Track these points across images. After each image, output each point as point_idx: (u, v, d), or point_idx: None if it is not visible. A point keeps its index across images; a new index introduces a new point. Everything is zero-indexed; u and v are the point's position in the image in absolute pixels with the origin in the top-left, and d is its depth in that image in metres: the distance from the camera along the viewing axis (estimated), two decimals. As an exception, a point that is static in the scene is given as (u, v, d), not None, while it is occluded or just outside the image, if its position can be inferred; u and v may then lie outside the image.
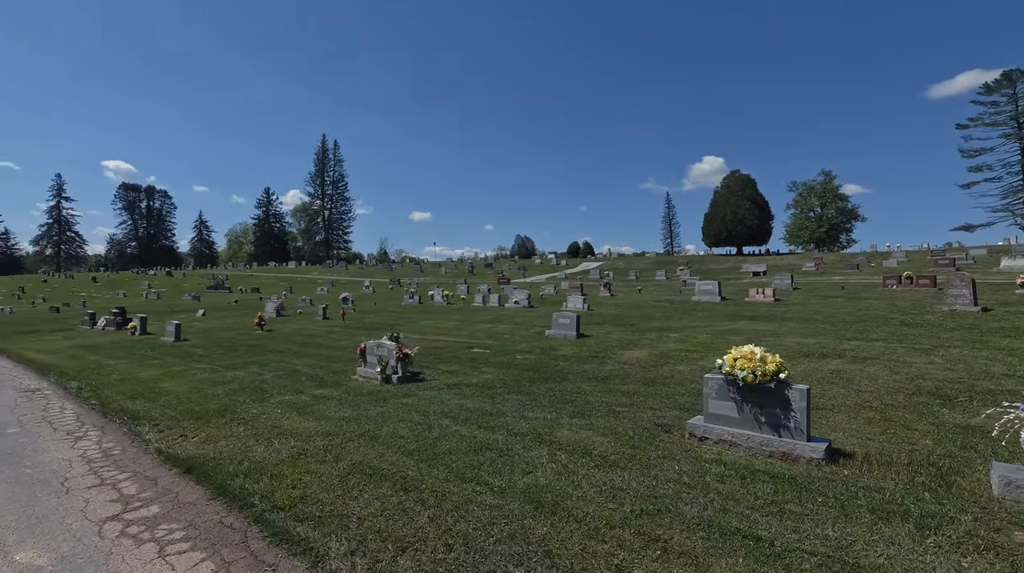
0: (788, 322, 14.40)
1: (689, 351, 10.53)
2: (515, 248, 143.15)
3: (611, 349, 11.37)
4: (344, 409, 6.83)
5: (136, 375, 10.27)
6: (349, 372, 9.77)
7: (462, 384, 8.35)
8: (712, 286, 23.13)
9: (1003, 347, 9.51)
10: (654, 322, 15.99)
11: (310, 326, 19.23)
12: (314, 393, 7.95)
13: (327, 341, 14.90)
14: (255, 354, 12.71)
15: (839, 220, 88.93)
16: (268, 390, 8.25)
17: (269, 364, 11.04)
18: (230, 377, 9.51)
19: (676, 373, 8.62)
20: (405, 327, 17.77)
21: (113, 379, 9.92)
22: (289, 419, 6.43)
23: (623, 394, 7.32)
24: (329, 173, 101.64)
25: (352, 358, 11.33)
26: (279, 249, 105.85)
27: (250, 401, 7.51)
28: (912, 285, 21.50)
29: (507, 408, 6.67)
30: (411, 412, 6.56)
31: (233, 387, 8.55)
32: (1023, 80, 72.15)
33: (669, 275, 46.23)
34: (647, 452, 4.86)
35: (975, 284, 14.79)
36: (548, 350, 11.62)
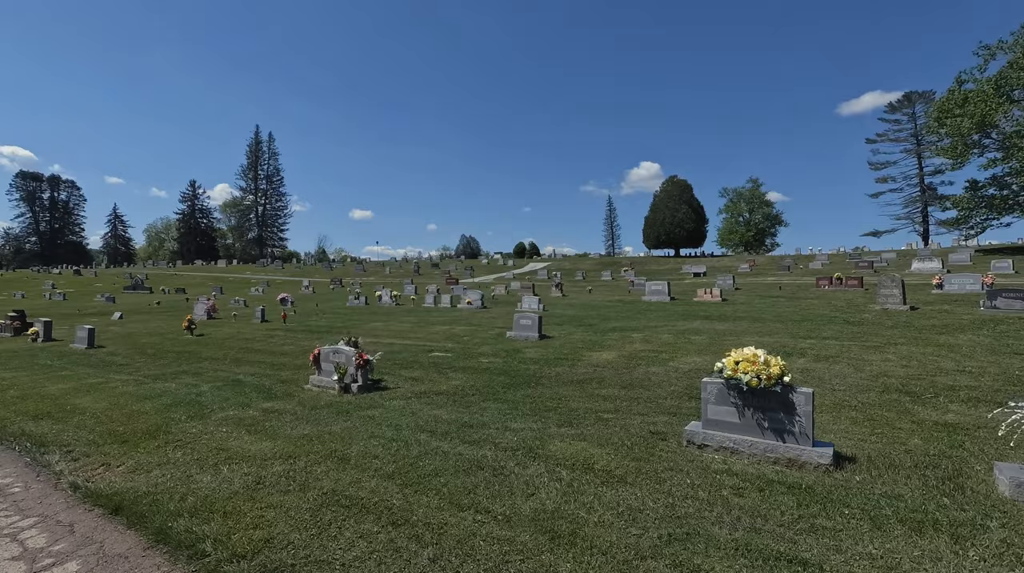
0: (741, 321, 14.81)
1: (657, 352, 10.45)
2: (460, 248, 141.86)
3: (578, 351, 11.10)
4: (302, 425, 6.05)
5: (41, 390, 8.80)
6: (300, 381, 8.87)
7: (431, 392, 7.73)
8: (662, 286, 23.64)
9: (943, 344, 10.11)
10: (613, 322, 15.97)
11: (247, 330, 17.71)
12: (263, 407, 7.05)
13: (269, 346, 13.67)
14: (187, 362, 11.38)
15: (765, 225, 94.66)
16: (207, 404, 7.25)
17: (205, 373, 9.86)
18: (159, 389, 8.33)
19: (651, 375, 8.45)
20: (354, 330, 16.74)
21: (11, 396, 8.43)
22: (238, 439, 5.58)
23: (605, 399, 7.01)
24: (263, 166, 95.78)
25: (302, 365, 10.37)
26: (207, 247, 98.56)
27: (187, 418, 6.53)
28: (842, 285, 22.97)
29: (487, 418, 6.15)
30: (381, 426, 5.89)
31: (164, 402, 7.45)
32: (921, 101, 79.72)
33: (615, 276, 47.22)
34: (651, 464, 4.53)
35: (904, 285, 15.89)
36: (513, 353, 11.18)
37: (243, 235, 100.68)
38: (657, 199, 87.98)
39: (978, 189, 39.51)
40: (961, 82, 39.87)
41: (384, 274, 60.96)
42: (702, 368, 8.79)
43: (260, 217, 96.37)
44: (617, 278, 45.34)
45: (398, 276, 57.34)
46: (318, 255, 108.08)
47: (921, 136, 79.89)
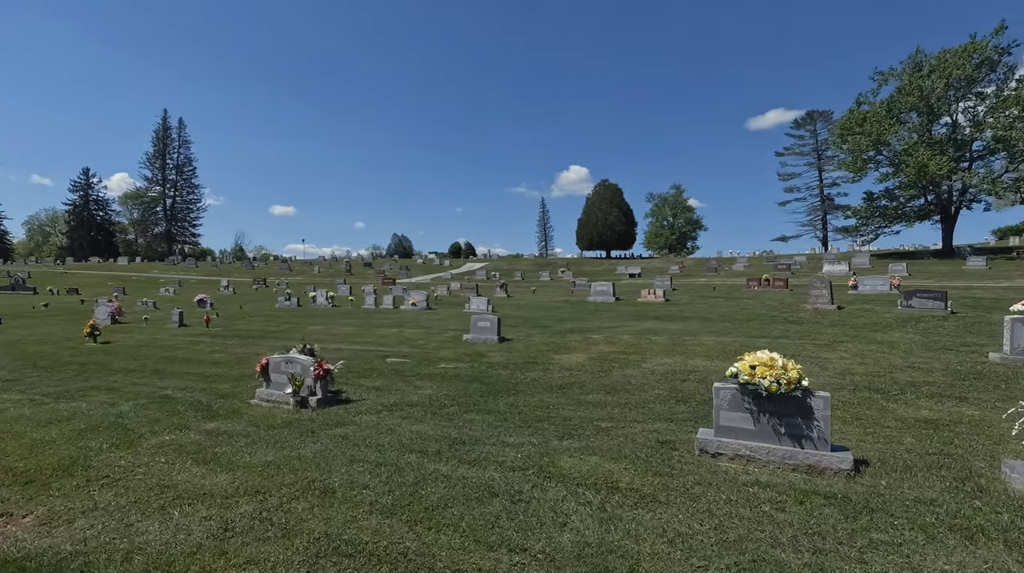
0: (691, 321, 15.20)
1: (625, 354, 10.34)
2: (392, 247, 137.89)
3: (544, 354, 10.76)
4: (262, 450, 5.16)
5: None
6: (243, 395, 7.79)
7: (402, 404, 7.02)
8: (607, 287, 23.99)
9: (882, 341, 10.84)
10: (568, 323, 15.83)
11: (164, 336, 15.72)
12: (206, 428, 6.02)
13: (195, 355, 12.11)
14: (95, 375, 9.73)
15: (687, 229, 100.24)
16: (133, 428, 6.07)
17: (121, 388, 8.42)
18: (66, 411, 6.93)
19: (629, 379, 8.25)
20: (291, 334, 15.36)
21: None
22: (184, 472, 4.62)
23: (594, 406, 6.68)
24: (172, 155, 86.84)
25: (241, 376, 9.20)
26: (104, 242, 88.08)
27: (110, 447, 5.39)
28: (769, 286, 24.52)
29: (478, 433, 5.60)
30: (360, 447, 5.15)
31: (75, 426, 6.16)
32: (821, 119, 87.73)
33: (553, 276, 47.69)
34: (676, 479, 4.22)
35: (832, 287, 17.10)
36: (477, 357, 10.62)
37: (148, 230, 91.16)
38: (590, 202, 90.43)
39: (873, 200, 44.05)
40: (859, 103, 44.34)
41: (313, 274, 57.59)
42: (676, 370, 8.75)
43: (169, 210, 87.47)
44: (556, 279, 45.82)
45: (328, 276, 54.38)
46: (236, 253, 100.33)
47: (821, 151, 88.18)
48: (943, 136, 40.75)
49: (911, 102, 39.92)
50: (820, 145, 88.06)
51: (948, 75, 37.73)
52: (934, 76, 38.55)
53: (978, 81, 38.79)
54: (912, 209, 42.42)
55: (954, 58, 38.56)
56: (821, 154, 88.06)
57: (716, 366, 8.91)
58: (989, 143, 38.08)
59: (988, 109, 38.81)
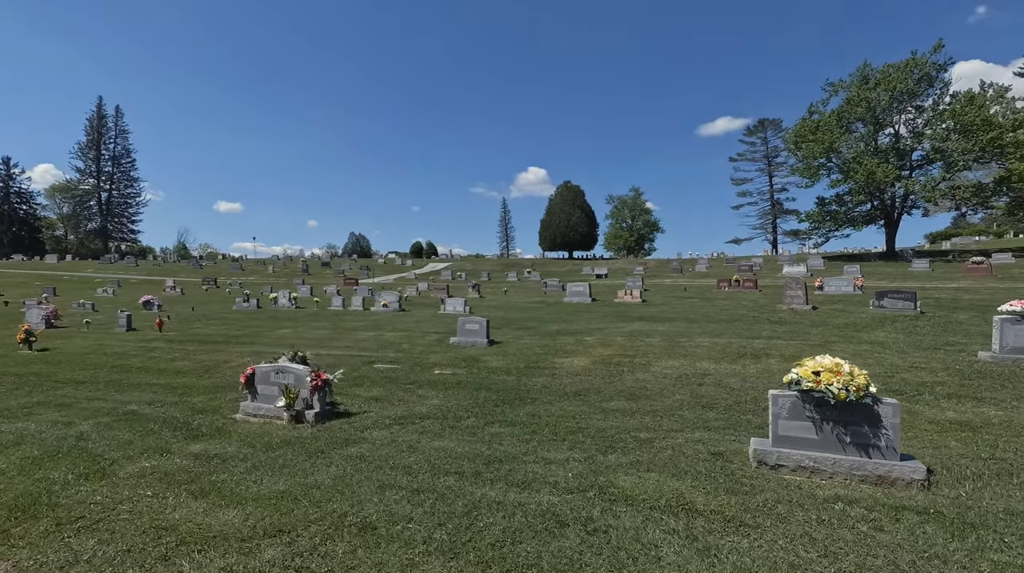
0: (677, 322, 15.17)
1: (627, 356, 10.05)
2: (349, 246, 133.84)
3: (542, 358, 10.32)
4: (269, 477, 4.46)
5: None
6: (225, 409, 6.94)
7: (412, 416, 6.40)
8: (583, 288, 23.85)
9: (871, 341, 11.05)
10: (552, 325, 15.48)
11: (112, 342, 14.23)
12: (191, 450, 5.21)
13: (153, 363, 10.93)
14: (39, 389, 8.52)
15: (645, 231, 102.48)
16: (101, 452, 5.18)
17: (75, 404, 7.34)
18: (10, 433, 5.89)
19: (644, 384, 7.94)
20: (258, 339, 14.27)
21: None
22: (181, 508, 3.88)
23: (621, 414, 6.30)
24: (108, 145, 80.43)
25: (214, 387, 8.29)
26: (29, 238, 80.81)
27: (77, 477, 4.52)
28: (739, 287, 25.09)
29: (510, 448, 5.09)
30: (383, 469, 4.54)
31: (27, 453, 5.20)
32: (772, 128, 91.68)
33: (520, 277, 47.39)
34: (752, 497, 3.87)
35: (807, 288, 17.55)
36: (472, 362, 10.07)
37: (80, 225, 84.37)
38: (552, 203, 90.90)
39: (824, 205, 46.29)
40: (811, 112, 46.53)
41: (267, 273, 54.85)
42: (687, 373, 8.51)
43: (104, 205, 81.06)
44: (523, 279, 45.54)
45: (284, 275, 51.93)
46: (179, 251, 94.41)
47: (771, 158, 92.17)
48: (887, 146, 43.34)
49: (859, 112, 42.20)
50: (770, 152, 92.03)
51: (893, 88, 40.08)
52: (879, 89, 40.88)
53: (918, 95, 41.48)
54: (860, 214, 44.84)
55: (897, 73, 41.05)
56: (771, 160, 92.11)
57: (725, 369, 8.75)
58: (929, 153, 40.69)
59: (926, 121, 41.59)
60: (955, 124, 38.33)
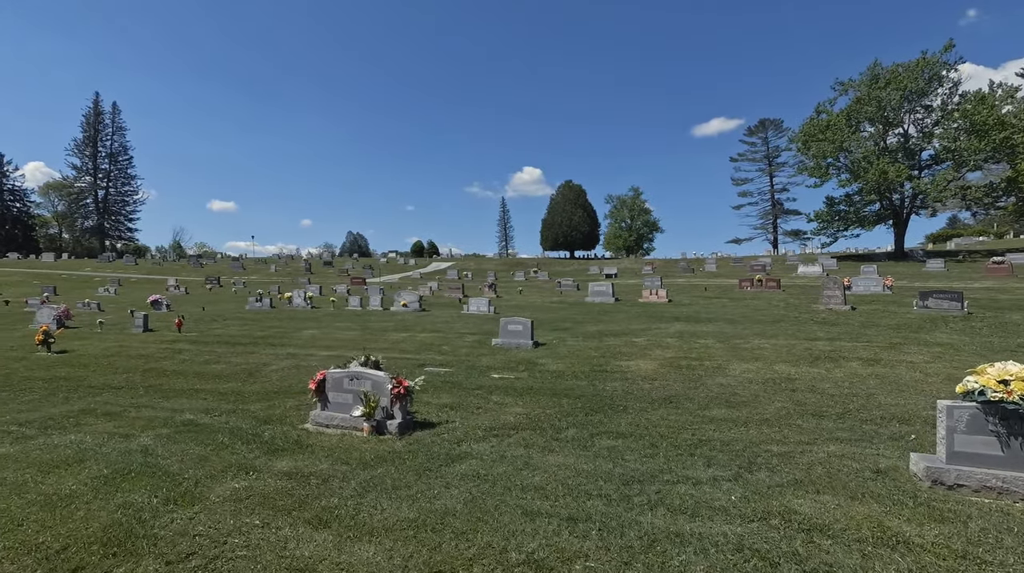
0: (718, 322, 14.72)
1: (693, 359, 9.56)
2: (347, 246, 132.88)
3: (601, 361, 9.82)
4: (386, 501, 3.92)
5: None
6: (290, 418, 6.40)
7: (503, 427, 5.88)
8: (605, 288, 23.39)
9: (934, 342, 10.63)
10: (589, 326, 14.99)
11: (133, 343, 13.59)
12: (279, 468, 4.66)
13: (186, 366, 10.33)
14: (75, 395, 7.91)
15: (645, 231, 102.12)
16: (178, 471, 4.62)
17: (124, 413, 6.76)
18: (68, 447, 5.31)
19: (732, 389, 7.46)
20: (286, 340, 13.68)
21: None
22: (305, 541, 3.33)
23: (733, 424, 5.81)
24: (105, 142, 78.99)
25: (267, 393, 7.74)
26: (22, 237, 79.35)
27: (164, 502, 3.96)
28: (762, 287, 24.71)
29: (638, 465, 4.58)
30: (512, 491, 4.01)
31: (96, 471, 4.62)
32: (772, 128, 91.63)
33: (528, 277, 46.87)
34: (966, 526, 3.38)
35: (845, 287, 17.16)
36: (530, 365, 9.55)
37: (76, 224, 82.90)
38: (554, 203, 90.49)
39: (833, 205, 46.08)
40: (819, 111, 46.32)
41: (269, 272, 54.05)
42: (771, 378, 8.04)
43: (101, 203, 79.64)
44: (531, 279, 45.02)
45: (287, 275, 51.18)
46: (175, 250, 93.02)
47: (772, 158, 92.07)
48: (897, 145, 43.20)
49: (869, 112, 42.02)
50: (771, 152, 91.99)
51: (904, 88, 39.92)
52: (890, 88, 40.70)
53: (927, 94, 41.36)
54: (870, 214, 44.66)
55: (907, 72, 40.91)
56: (772, 161, 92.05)
57: (806, 372, 8.29)
58: (940, 152, 40.55)
59: (935, 121, 41.49)
60: (966, 123, 38.23)
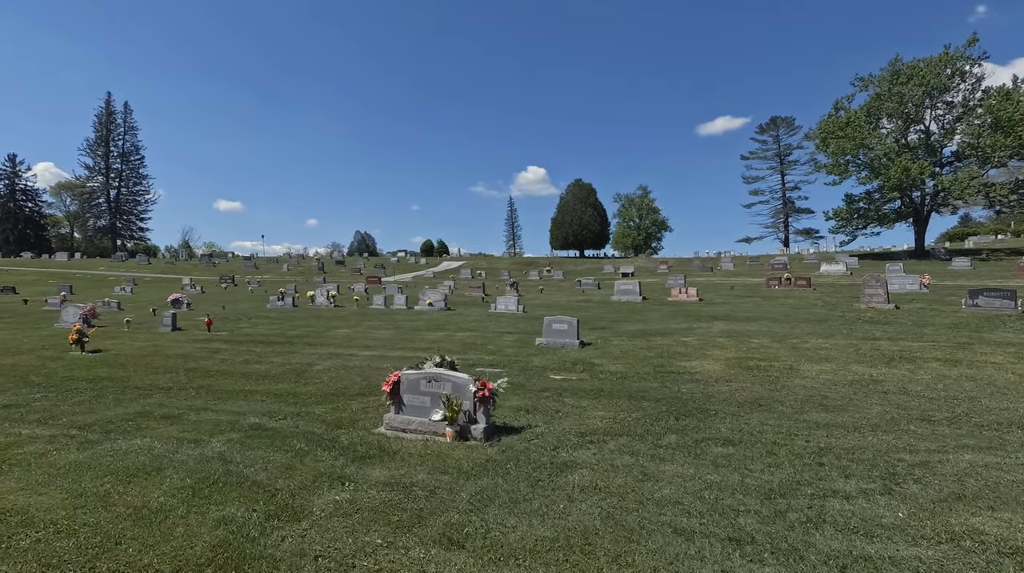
0: (762, 321, 14.30)
1: (762, 360, 9.15)
2: (355, 245, 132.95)
3: (660, 361, 9.43)
4: (511, 516, 3.56)
5: None
6: (361, 422, 6.06)
7: (595, 432, 5.51)
8: (632, 286, 22.99)
9: (1003, 342, 10.18)
10: (627, 325, 14.60)
11: (166, 342, 13.31)
12: (374, 477, 4.31)
13: (228, 366, 10.02)
14: (126, 397, 7.59)
15: (653, 230, 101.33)
16: (264, 480, 4.27)
17: (183, 416, 6.43)
18: (140, 454, 4.97)
19: (819, 391, 7.07)
20: (320, 339, 13.37)
21: None
22: (447, 566, 2.97)
23: (843, 429, 5.43)
24: (117, 142, 79.15)
25: (325, 394, 7.41)
26: (35, 236, 79.69)
27: (267, 517, 3.62)
28: (791, 286, 24.23)
29: (768, 476, 4.20)
30: (646, 506, 3.64)
31: (177, 480, 4.28)
32: (784, 126, 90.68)
33: (542, 275, 46.49)
34: None
35: (887, 285, 16.69)
36: (587, 365, 9.18)
37: (87, 224, 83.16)
38: (564, 202, 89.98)
39: (853, 202, 45.41)
40: (837, 108, 45.64)
41: (282, 271, 53.95)
42: (852, 380, 7.64)
43: (113, 202, 79.86)
44: (545, 278, 44.62)
45: (300, 274, 51.04)
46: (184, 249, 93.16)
47: (784, 156, 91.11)
48: (918, 142, 42.53)
49: (890, 108, 41.36)
50: (783, 150, 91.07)
51: (927, 83, 39.25)
52: (912, 84, 40.04)
53: (949, 90, 40.66)
54: (890, 211, 43.98)
55: (929, 67, 40.24)
56: (784, 159, 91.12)
57: (886, 373, 7.88)
58: (964, 149, 39.86)
59: (957, 117, 40.78)
60: (990, 119, 37.53)
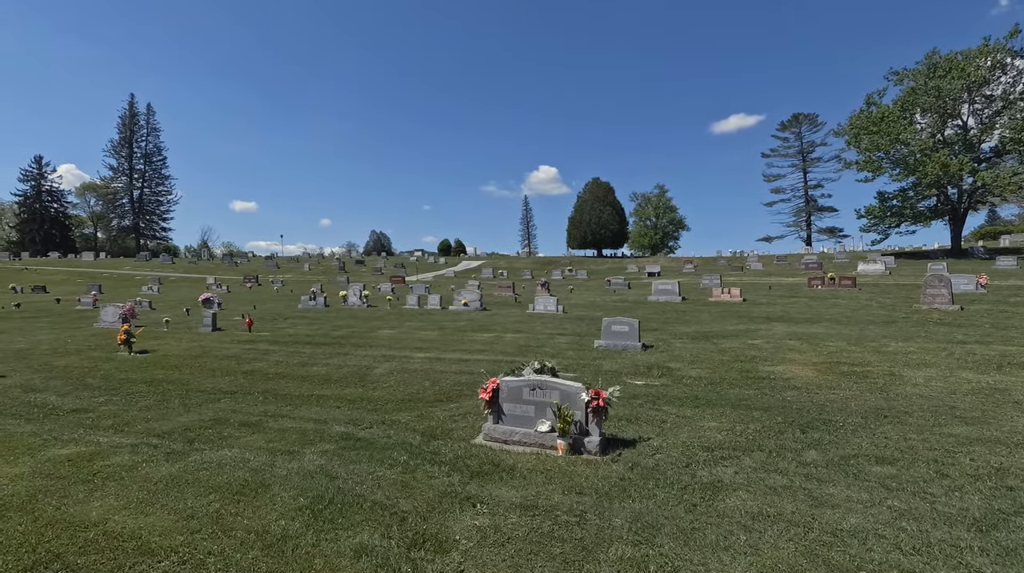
0: (822, 323, 13.65)
1: (853, 365, 8.57)
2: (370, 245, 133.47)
3: (735, 365, 8.90)
4: (690, 549, 3.10)
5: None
6: (457, 432, 5.65)
7: (718, 446, 5.03)
8: (671, 286, 22.39)
9: (1109, 347, 9.48)
10: (679, 326, 14.04)
11: (211, 343, 13.07)
12: (505, 498, 3.88)
13: (284, 369, 9.69)
14: (194, 403, 7.27)
15: (670, 229, 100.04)
16: (386, 500, 3.87)
17: (262, 423, 6.07)
18: (231, 467, 4.60)
19: (934, 399, 6.49)
20: (370, 340, 13.03)
21: None
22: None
23: (1005, 446, 4.88)
24: (140, 143, 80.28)
25: (401, 400, 7.02)
26: (60, 236, 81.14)
27: (407, 546, 3.20)
28: (835, 285, 23.43)
29: (971, 503, 3.69)
30: (843, 536, 3.16)
31: (290, 500, 3.89)
32: (807, 123, 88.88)
33: (564, 275, 45.96)
34: None
35: (951, 285, 15.92)
36: (665, 370, 8.69)
37: (111, 224, 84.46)
38: (581, 200, 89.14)
39: (886, 200, 44.15)
40: (869, 103, 44.37)
41: (303, 271, 54.14)
42: (972, 389, 7.04)
43: (136, 203, 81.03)
44: (568, 278, 44.10)
45: (321, 273, 51.17)
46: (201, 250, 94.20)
47: (806, 153, 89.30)
48: (955, 137, 41.17)
49: (927, 102, 40.07)
50: (805, 147, 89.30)
51: (967, 76, 37.94)
52: (950, 76, 38.73)
53: (990, 83, 39.28)
54: (926, 209, 42.67)
55: (967, 60, 38.92)
56: (806, 156, 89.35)
57: (1006, 381, 7.27)
58: (1007, 143, 38.49)
59: (996, 111, 39.37)
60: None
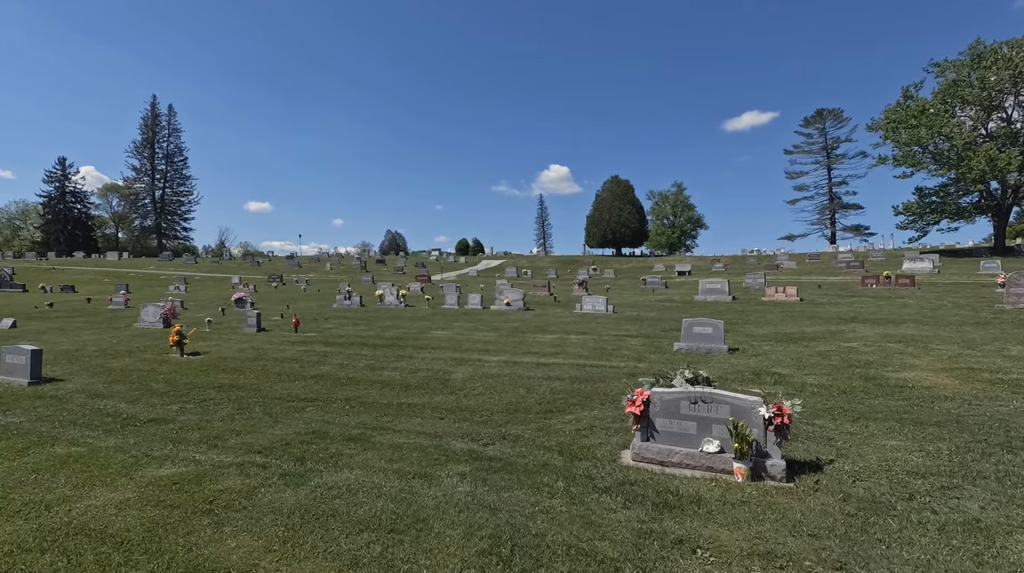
0: (906, 325, 12.76)
1: (993, 373, 7.74)
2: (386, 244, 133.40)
3: (850, 370, 8.11)
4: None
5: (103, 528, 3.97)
6: (596, 451, 4.95)
7: (926, 473, 4.28)
8: (721, 285, 21.54)
9: None
10: (750, 327, 13.23)
11: (262, 345, 12.54)
12: (724, 541, 3.19)
13: (351, 373, 9.08)
14: (279, 411, 6.68)
15: (688, 227, 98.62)
16: (578, 544, 3.20)
17: (370, 439, 5.44)
18: (366, 494, 3.97)
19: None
20: (424, 341, 12.42)
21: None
22: None
23: None
24: (162, 144, 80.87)
25: (507, 409, 6.36)
26: (83, 237, 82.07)
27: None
28: (891, 284, 22.40)
29: None
30: None
31: (466, 544, 3.24)
32: (831, 118, 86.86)
33: (590, 274, 45.14)
34: None
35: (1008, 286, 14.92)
36: (775, 377, 7.94)
37: (133, 224, 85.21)
38: (600, 198, 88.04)
39: (925, 196, 42.67)
40: (906, 96, 42.85)
41: (325, 270, 53.94)
42: None
43: (158, 203, 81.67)
44: (595, 277, 43.28)
45: (343, 272, 50.96)
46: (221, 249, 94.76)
47: (830, 150, 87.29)
48: (999, 130, 39.63)
49: (971, 94, 38.59)
50: (830, 143, 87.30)
51: (1015, 67, 36.44)
52: (996, 67, 37.24)
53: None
54: (968, 205, 41.16)
55: (1013, 50, 37.38)
56: (831, 153, 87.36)
57: None
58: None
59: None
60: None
